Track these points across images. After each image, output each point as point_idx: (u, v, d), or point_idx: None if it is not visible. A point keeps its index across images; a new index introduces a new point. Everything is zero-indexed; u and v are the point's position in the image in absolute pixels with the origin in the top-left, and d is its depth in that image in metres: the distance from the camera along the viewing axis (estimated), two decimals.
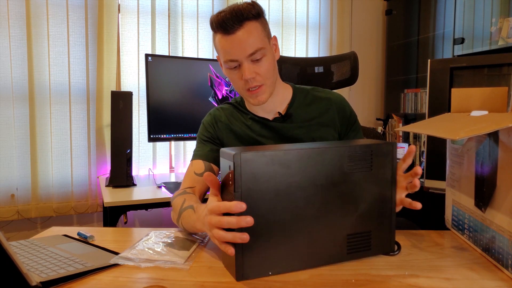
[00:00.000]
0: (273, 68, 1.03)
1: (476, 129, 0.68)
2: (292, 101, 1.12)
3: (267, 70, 1.00)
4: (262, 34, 0.99)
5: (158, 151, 2.38)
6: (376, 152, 0.76)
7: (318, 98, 1.14)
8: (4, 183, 2.03)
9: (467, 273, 0.72)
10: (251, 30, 0.96)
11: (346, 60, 1.54)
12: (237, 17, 0.94)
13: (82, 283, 0.69)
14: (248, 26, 0.95)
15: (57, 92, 2.12)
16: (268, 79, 1.01)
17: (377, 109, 3.22)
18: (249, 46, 0.95)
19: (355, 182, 0.75)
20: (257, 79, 0.99)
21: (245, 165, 0.67)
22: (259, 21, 0.99)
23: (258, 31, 0.97)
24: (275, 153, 0.69)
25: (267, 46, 1.00)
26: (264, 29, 1.00)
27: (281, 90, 1.11)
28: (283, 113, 1.11)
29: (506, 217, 0.70)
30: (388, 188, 0.78)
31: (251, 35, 0.95)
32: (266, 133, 1.11)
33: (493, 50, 2.24)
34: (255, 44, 0.96)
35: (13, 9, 2.00)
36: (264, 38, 0.99)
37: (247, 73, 0.97)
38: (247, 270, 0.69)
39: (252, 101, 1.04)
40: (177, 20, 2.39)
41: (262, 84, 1.01)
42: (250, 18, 0.96)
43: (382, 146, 0.76)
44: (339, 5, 2.90)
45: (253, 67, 0.98)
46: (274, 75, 1.04)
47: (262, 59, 0.98)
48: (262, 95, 1.02)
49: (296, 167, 0.71)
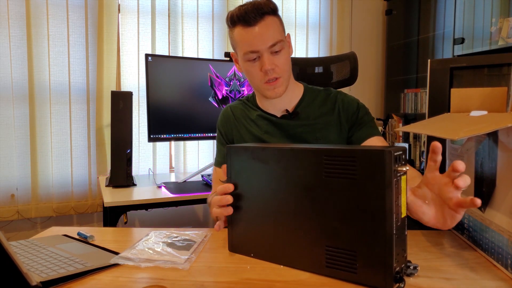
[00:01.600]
0: (289, 62, 1.08)
1: (476, 129, 0.68)
2: (301, 100, 1.14)
3: (285, 63, 1.05)
4: (280, 28, 1.04)
5: (158, 151, 2.38)
6: (363, 160, 0.63)
7: (327, 98, 1.15)
8: (4, 183, 2.04)
9: (467, 273, 0.72)
10: (271, 23, 1.01)
11: (346, 60, 1.54)
12: (258, 10, 0.99)
13: (82, 283, 0.69)
14: (268, 19, 1.01)
15: (57, 92, 2.12)
16: (286, 72, 1.06)
17: (377, 109, 3.22)
18: (270, 38, 1.00)
19: (332, 189, 0.67)
20: (276, 71, 1.03)
21: (234, 157, 0.79)
22: (277, 17, 1.05)
23: (277, 24, 1.03)
24: (255, 149, 0.76)
25: (284, 40, 1.05)
26: (281, 25, 1.06)
27: (293, 88, 1.14)
28: (291, 111, 1.13)
29: (505, 217, 0.70)
30: (378, 205, 0.62)
31: (271, 28, 1.01)
32: (272, 129, 1.13)
33: (493, 50, 2.24)
34: (275, 36, 1.01)
35: (13, 9, 2.00)
36: (282, 32, 1.05)
37: (267, 64, 1.01)
38: (235, 246, 0.82)
39: (269, 94, 1.07)
40: (177, 20, 2.39)
41: (280, 76, 1.04)
42: (269, 12, 1.01)
43: (371, 153, 0.62)
44: (339, 5, 2.90)
45: (272, 58, 1.02)
46: (290, 69, 1.09)
47: (281, 51, 1.03)
48: (279, 87, 1.05)
49: (274, 165, 0.74)
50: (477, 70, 1.39)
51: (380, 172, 0.61)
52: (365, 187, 0.63)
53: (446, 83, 1.40)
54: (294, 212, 0.72)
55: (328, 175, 0.67)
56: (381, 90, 3.22)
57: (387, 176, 0.61)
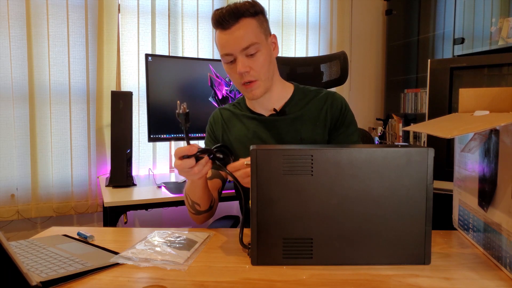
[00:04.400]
0: (268, 64, 1.05)
1: (470, 128, 0.68)
2: (291, 100, 1.15)
3: (261, 66, 1.03)
4: (257, 30, 1.02)
5: (158, 151, 2.38)
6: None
7: (317, 98, 1.15)
8: (4, 183, 2.03)
9: (467, 273, 0.72)
10: (247, 26, 1.00)
11: (336, 60, 1.53)
12: (234, 14, 0.99)
13: (82, 283, 0.69)
14: (244, 22, 1.00)
15: (57, 92, 2.12)
16: (263, 74, 1.05)
17: (377, 109, 3.22)
18: (243, 41, 0.99)
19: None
20: (251, 74, 1.03)
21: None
22: (256, 19, 1.03)
23: (253, 27, 1.01)
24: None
25: (262, 42, 1.03)
26: (261, 26, 1.04)
27: (279, 88, 1.14)
28: (279, 110, 1.13)
29: (504, 216, 0.70)
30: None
31: (245, 31, 1.00)
32: (259, 129, 1.14)
33: (493, 50, 2.24)
34: (249, 39, 1.00)
35: (13, 9, 2.00)
36: (259, 34, 1.03)
37: (241, 67, 1.01)
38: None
39: (247, 95, 1.09)
40: (177, 20, 2.39)
41: (256, 79, 1.04)
42: (246, 15, 1.00)
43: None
44: (339, 5, 2.90)
45: (247, 61, 1.02)
46: (270, 71, 1.07)
47: (256, 54, 1.02)
48: (256, 90, 1.05)
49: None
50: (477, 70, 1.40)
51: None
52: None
53: (446, 83, 1.40)
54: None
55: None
56: (381, 90, 3.22)
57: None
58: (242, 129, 1.16)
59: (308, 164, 0.73)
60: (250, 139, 1.14)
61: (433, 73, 1.43)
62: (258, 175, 0.74)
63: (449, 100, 1.40)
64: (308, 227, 0.74)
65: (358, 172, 0.73)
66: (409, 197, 0.73)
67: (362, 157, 0.73)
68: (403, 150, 0.73)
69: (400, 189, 0.73)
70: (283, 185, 0.74)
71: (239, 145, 1.15)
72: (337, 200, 0.74)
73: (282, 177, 0.73)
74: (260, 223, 0.75)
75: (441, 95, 1.42)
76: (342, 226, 0.74)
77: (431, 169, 0.73)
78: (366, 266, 0.74)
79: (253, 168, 0.74)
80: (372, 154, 0.73)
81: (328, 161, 0.73)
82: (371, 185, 0.73)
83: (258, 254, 0.75)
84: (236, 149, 1.16)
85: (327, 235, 0.74)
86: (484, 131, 0.78)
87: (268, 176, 0.74)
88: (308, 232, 0.74)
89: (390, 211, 0.74)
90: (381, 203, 0.74)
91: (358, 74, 3.11)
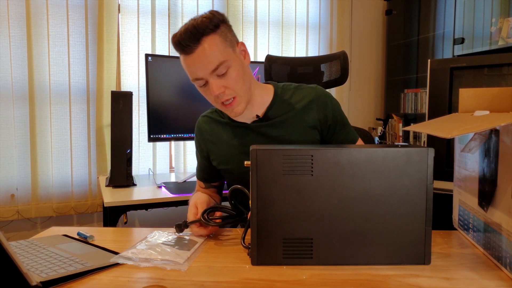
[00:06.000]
0: (242, 77, 0.99)
1: (470, 128, 0.68)
2: (272, 103, 1.09)
3: (236, 82, 0.97)
4: (223, 46, 0.95)
5: (158, 151, 2.38)
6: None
7: (301, 97, 1.09)
8: (4, 183, 2.03)
9: (467, 273, 0.72)
10: (210, 45, 0.92)
11: (336, 59, 1.53)
12: (193, 35, 0.91)
13: (82, 283, 0.69)
14: (206, 41, 0.92)
15: (57, 92, 2.12)
16: (240, 89, 0.98)
17: (377, 109, 3.22)
18: (210, 63, 0.93)
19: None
20: (227, 93, 0.97)
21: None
22: (219, 33, 0.95)
23: (218, 44, 0.94)
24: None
25: (231, 57, 0.96)
26: (225, 40, 0.96)
27: (259, 94, 1.08)
28: (261, 115, 1.08)
29: (504, 216, 0.70)
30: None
31: (210, 51, 0.92)
32: (245, 137, 1.09)
33: (493, 50, 2.24)
34: (217, 59, 0.93)
35: (13, 9, 2.00)
36: (226, 49, 0.95)
37: (215, 90, 0.95)
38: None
39: (230, 114, 1.03)
40: (177, 20, 2.39)
41: (235, 96, 0.98)
42: (207, 32, 0.92)
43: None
44: (339, 5, 2.90)
45: (220, 81, 0.95)
46: (246, 83, 1.00)
47: (227, 71, 0.95)
48: (237, 107, 1.00)
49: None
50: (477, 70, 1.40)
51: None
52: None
53: (446, 83, 1.40)
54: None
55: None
56: (381, 90, 3.22)
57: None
58: (228, 139, 1.11)
59: (308, 164, 0.73)
60: (237, 148, 1.09)
61: (433, 73, 1.43)
62: (258, 175, 0.74)
63: (449, 100, 1.40)
64: (308, 227, 0.74)
65: (358, 172, 0.73)
66: (409, 197, 0.73)
67: (362, 157, 0.73)
68: (403, 150, 0.73)
69: (400, 189, 0.73)
70: (283, 185, 0.74)
71: (227, 155, 1.11)
72: (337, 200, 0.74)
73: (282, 177, 0.73)
74: (260, 223, 0.75)
75: (441, 95, 1.42)
76: (342, 226, 0.74)
77: (431, 169, 0.73)
78: (366, 266, 0.74)
79: (253, 168, 0.74)
80: (372, 154, 0.73)
81: (328, 161, 0.73)
82: (371, 185, 0.73)
83: (258, 254, 0.75)
84: (224, 159, 1.12)
85: (327, 235, 0.74)
86: (484, 131, 0.78)
87: (268, 176, 0.74)
88: (308, 232, 0.74)
89: (390, 211, 0.74)
90: (381, 203, 0.74)
91: (358, 74, 3.12)
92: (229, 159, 1.11)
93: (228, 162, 1.11)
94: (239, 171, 1.10)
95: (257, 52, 2.62)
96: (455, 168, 0.95)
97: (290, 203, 0.74)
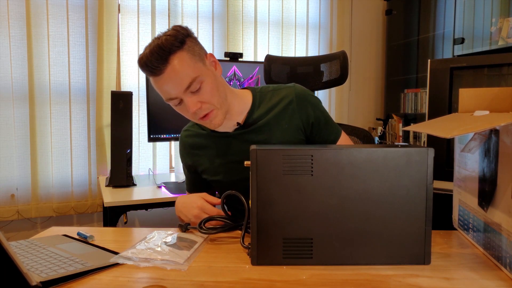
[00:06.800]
0: (217, 90, 0.97)
1: (469, 128, 0.68)
2: (252, 109, 1.07)
3: (211, 95, 0.95)
4: (192, 62, 0.93)
5: (158, 151, 2.38)
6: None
7: (279, 98, 1.07)
8: (4, 183, 2.03)
9: (467, 273, 0.72)
10: (180, 64, 0.90)
11: (336, 59, 1.53)
12: (160, 56, 0.89)
13: (82, 283, 0.69)
14: (175, 59, 0.90)
15: (57, 92, 2.12)
16: (217, 102, 0.97)
17: (377, 109, 3.22)
18: (182, 81, 0.91)
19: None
20: (204, 107, 0.95)
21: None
22: (186, 49, 0.92)
23: (187, 60, 0.92)
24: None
25: (202, 71, 0.94)
26: (194, 55, 0.94)
27: (237, 103, 1.06)
28: (242, 122, 1.06)
29: (504, 216, 0.70)
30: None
31: (181, 69, 0.90)
32: (229, 146, 1.08)
33: (493, 50, 2.24)
34: (188, 76, 0.91)
35: (13, 9, 2.00)
36: (196, 64, 0.93)
37: (192, 107, 0.93)
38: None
39: (209, 127, 1.02)
40: (177, 20, 2.39)
41: (212, 108, 0.97)
42: (173, 50, 0.90)
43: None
44: (339, 5, 2.90)
45: (195, 98, 0.94)
46: (221, 95, 0.99)
47: (201, 86, 0.94)
48: (215, 119, 0.98)
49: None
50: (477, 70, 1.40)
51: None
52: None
53: (446, 83, 1.40)
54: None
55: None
56: (381, 90, 3.22)
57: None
58: (212, 150, 1.10)
59: (308, 164, 0.73)
60: (223, 158, 1.08)
61: (433, 73, 1.43)
62: (258, 175, 0.74)
63: (449, 100, 1.40)
64: (308, 227, 0.74)
65: (358, 172, 0.73)
66: (409, 197, 0.73)
67: (362, 157, 0.73)
68: (403, 150, 0.73)
69: (400, 189, 0.73)
70: (283, 185, 0.74)
71: (214, 167, 1.10)
72: (337, 200, 0.74)
73: (282, 177, 0.73)
74: (260, 223, 0.75)
75: (441, 95, 1.42)
76: (342, 226, 0.74)
77: (431, 169, 0.73)
78: (366, 266, 0.74)
79: (253, 168, 0.74)
80: (372, 154, 0.73)
81: (328, 161, 0.73)
82: (371, 185, 0.73)
83: (258, 254, 0.75)
84: (212, 170, 1.11)
85: (327, 235, 0.74)
86: (484, 131, 0.78)
87: (268, 176, 0.74)
88: (308, 232, 0.74)
89: (390, 211, 0.74)
90: (381, 203, 0.74)
91: (358, 74, 3.12)
92: (217, 170, 1.10)
93: (217, 173, 1.10)
94: (228, 181, 1.09)
95: (257, 52, 2.62)
96: (455, 168, 0.95)
97: (290, 203, 0.74)
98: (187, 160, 1.15)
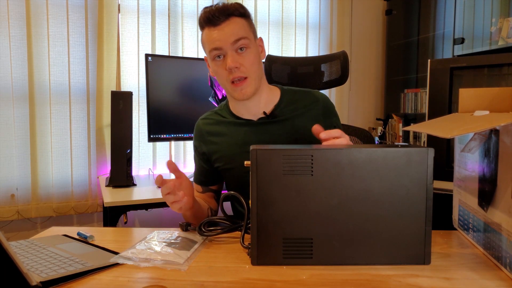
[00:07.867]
0: (258, 63, 1.04)
1: (470, 128, 0.68)
2: (280, 102, 1.12)
3: (252, 63, 1.02)
4: (247, 28, 1.02)
5: (158, 151, 2.38)
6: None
7: (307, 101, 1.13)
8: (4, 183, 2.03)
9: (467, 273, 0.72)
10: (236, 23, 1.00)
11: (336, 59, 1.53)
12: (223, 11, 0.99)
13: (82, 283, 0.69)
14: (234, 19, 1.00)
15: (57, 92, 2.12)
16: (253, 72, 1.03)
17: (377, 109, 3.22)
18: (233, 34, 0.99)
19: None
20: (241, 70, 1.01)
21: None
22: (245, 19, 1.03)
23: (243, 25, 1.02)
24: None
25: (252, 41, 1.03)
26: (250, 26, 1.04)
27: (267, 92, 1.11)
28: (269, 113, 1.10)
29: (504, 216, 0.70)
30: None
31: (235, 26, 1.00)
32: (249, 134, 1.10)
33: (493, 50, 2.24)
34: (239, 33, 0.99)
35: (13, 9, 2.00)
36: (249, 32, 1.03)
37: (230, 61, 0.99)
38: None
39: (236, 95, 1.04)
40: (177, 20, 2.39)
41: (247, 76, 1.02)
42: (236, 14, 1.01)
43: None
44: (339, 5, 2.90)
45: (237, 57, 1.00)
46: (259, 70, 1.06)
47: (246, 50, 1.01)
48: (247, 88, 1.03)
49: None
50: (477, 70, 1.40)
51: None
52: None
53: (446, 83, 1.40)
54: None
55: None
56: (381, 90, 3.22)
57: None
58: (231, 138, 1.11)
59: (308, 164, 0.73)
60: (240, 146, 1.09)
61: (433, 73, 1.43)
62: (258, 175, 0.74)
63: (449, 100, 1.40)
64: (308, 227, 0.74)
65: (358, 172, 0.73)
66: (409, 197, 0.73)
67: (362, 157, 0.73)
68: (403, 150, 0.73)
69: (400, 189, 0.73)
70: (283, 185, 0.74)
71: (230, 154, 1.11)
72: (337, 200, 0.74)
73: (282, 177, 0.73)
74: (260, 223, 0.75)
75: (441, 95, 1.42)
76: (342, 226, 0.74)
77: (431, 169, 0.73)
78: (366, 266, 0.74)
79: (253, 168, 0.74)
80: (372, 154, 0.73)
81: (328, 161, 0.73)
82: (371, 185, 0.73)
83: (258, 254, 0.75)
84: (227, 158, 1.12)
85: (327, 235, 0.74)
86: (484, 131, 0.78)
87: (268, 176, 0.74)
88: (308, 232, 0.74)
89: (390, 211, 0.74)
90: (381, 203, 0.74)
91: (358, 74, 3.12)
92: (232, 158, 1.11)
93: (231, 161, 1.11)
94: (241, 170, 1.10)
95: None
96: (455, 168, 0.95)
97: (290, 203, 0.74)
98: (202, 148, 1.16)
